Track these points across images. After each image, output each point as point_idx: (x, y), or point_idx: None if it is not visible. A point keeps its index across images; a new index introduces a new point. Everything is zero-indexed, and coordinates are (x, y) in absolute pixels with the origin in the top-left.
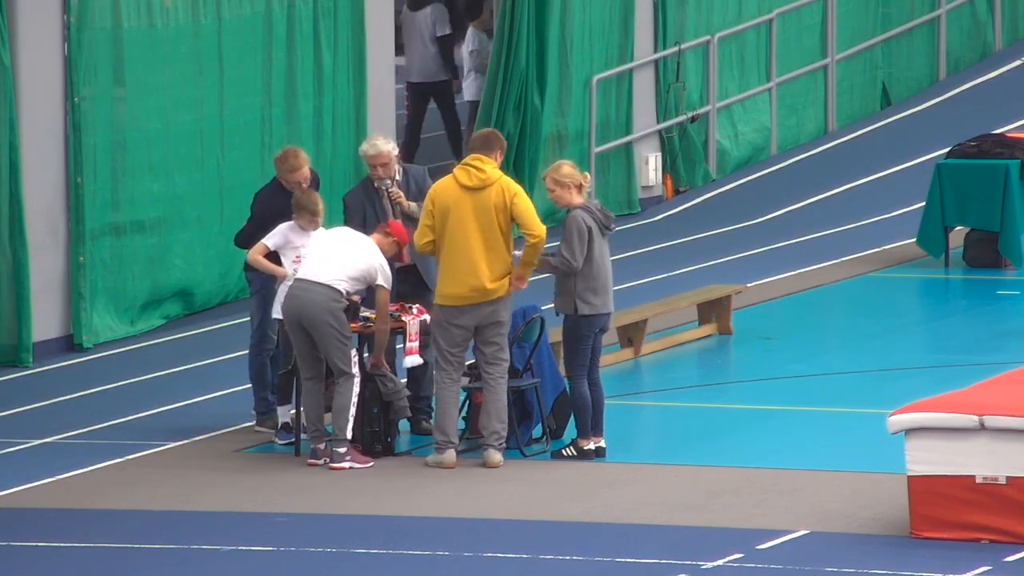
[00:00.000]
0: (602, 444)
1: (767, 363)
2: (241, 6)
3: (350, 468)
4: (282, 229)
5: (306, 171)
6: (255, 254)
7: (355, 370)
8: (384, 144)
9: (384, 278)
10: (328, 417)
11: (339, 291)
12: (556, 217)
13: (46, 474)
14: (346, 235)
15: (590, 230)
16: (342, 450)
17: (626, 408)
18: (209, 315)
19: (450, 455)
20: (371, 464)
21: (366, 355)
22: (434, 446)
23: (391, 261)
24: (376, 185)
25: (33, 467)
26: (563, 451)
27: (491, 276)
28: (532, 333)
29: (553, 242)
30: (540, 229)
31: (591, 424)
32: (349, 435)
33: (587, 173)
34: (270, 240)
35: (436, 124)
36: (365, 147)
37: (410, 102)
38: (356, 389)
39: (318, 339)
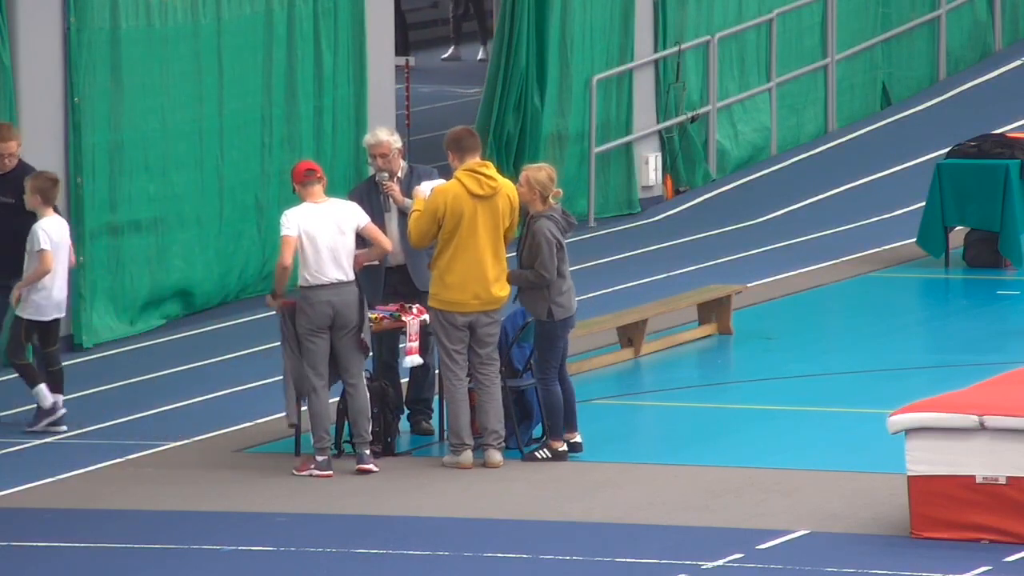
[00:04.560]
0: (577, 439)
1: (767, 363)
2: (241, 6)
3: (373, 468)
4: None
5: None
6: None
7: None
8: (385, 135)
9: (364, 216)
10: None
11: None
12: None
13: (46, 474)
14: (333, 218)
15: (558, 240)
16: (368, 451)
17: (626, 408)
18: (209, 315)
19: (467, 456)
20: (378, 469)
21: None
22: (449, 448)
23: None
24: (376, 179)
25: (33, 467)
26: (536, 453)
27: (496, 284)
28: (531, 333)
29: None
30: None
31: (565, 420)
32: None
33: (559, 190)
34: (47, 244)
35: (435, 123)
36: (367, 137)
37: None
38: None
39: (352, 341)
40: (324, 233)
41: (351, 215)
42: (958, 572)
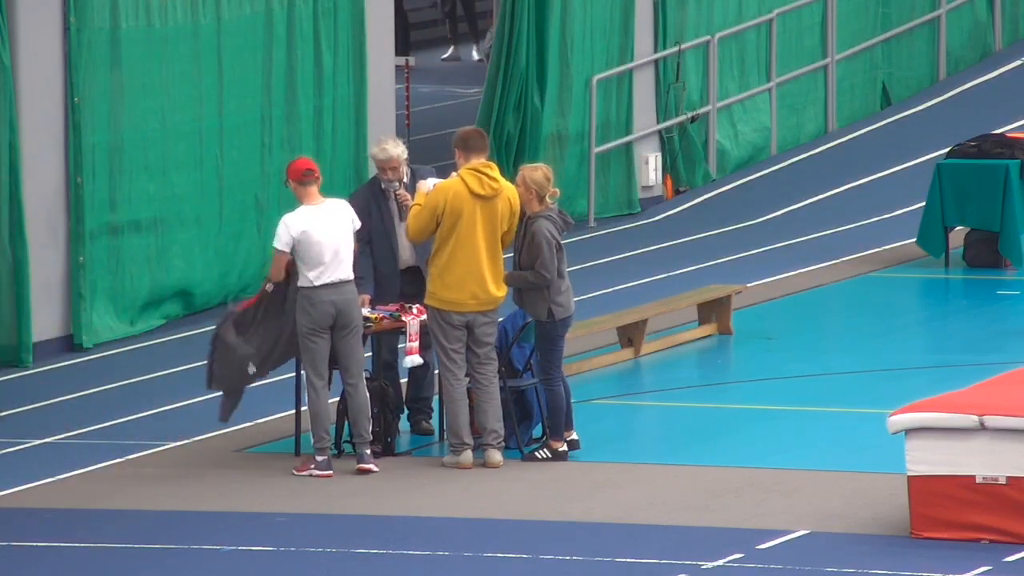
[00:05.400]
0: (574, 436)
1: (767, 363)
2: (241, 6)
3: (373, 468)
4: None
5: None
6: None
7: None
8: (394, 148)
9: (353, 216)
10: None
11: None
12: None
13: (46, 474)
14: (332, 219)
15: (556, 240)
16: (368, 451)
17: (626, 408)
18: (209, 315)
19: (467, 456)
20: (379, 469)
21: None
22: (449, 448)
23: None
24: (383, 187)
25: (33, 467)
26: (536, 453)
27: (494, 284)
28: (531, 333)
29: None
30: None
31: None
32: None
33: (557, 190)
34: None
35: (435, 123)
36: (375, 151)
37: None
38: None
39: (354, 340)
40: (326, 235)
41: (349, 214)
42: (958, 572)
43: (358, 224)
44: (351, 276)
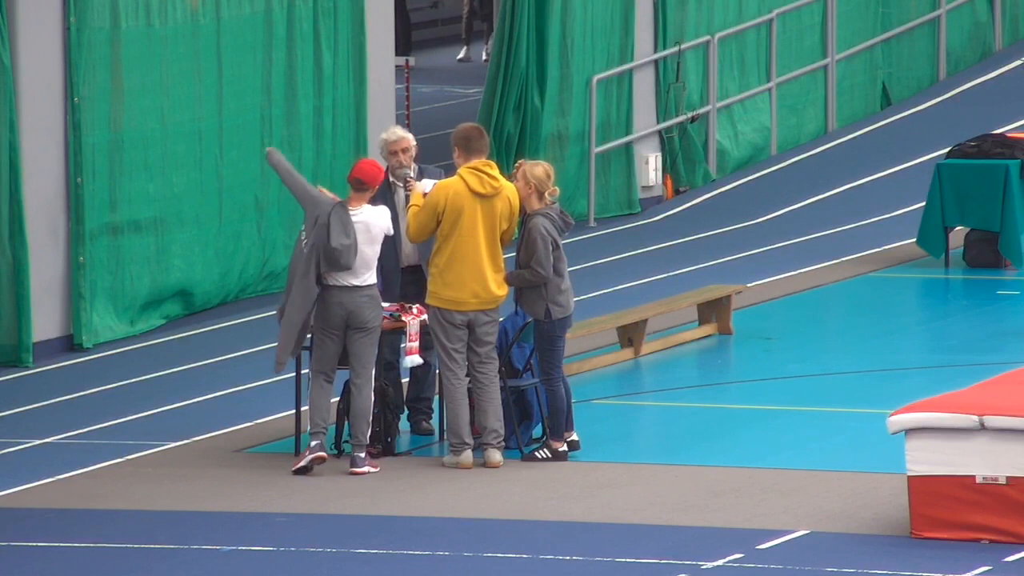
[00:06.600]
0: (574, 437)
1: (767, 363)
2: (240, 6)
3: (367, 472)
4: None
5: None
6: None
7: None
8: (402, 131)
9: (388, 226)
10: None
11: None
12: None
13: (46, 474)
14: (362, 225)
15: (553, 238)
16: (363, 455)
17: (626, 408)
18: (209, 315)
19: (467, 456)
20: (379, 468)
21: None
22: (449, 448)
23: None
24: (391, 178)
25: (33, 467)
26: (536, 453)
27: (495, 282)
28: (531, 333)
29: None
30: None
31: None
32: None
33: (556, 189)
34: None
35: (435, 123)
36: (385, 135)
37: None
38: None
39: (366, 341)
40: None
41: (384, 224)
42: (958, 572)
43: (390, 232)
44: (368, 282)
